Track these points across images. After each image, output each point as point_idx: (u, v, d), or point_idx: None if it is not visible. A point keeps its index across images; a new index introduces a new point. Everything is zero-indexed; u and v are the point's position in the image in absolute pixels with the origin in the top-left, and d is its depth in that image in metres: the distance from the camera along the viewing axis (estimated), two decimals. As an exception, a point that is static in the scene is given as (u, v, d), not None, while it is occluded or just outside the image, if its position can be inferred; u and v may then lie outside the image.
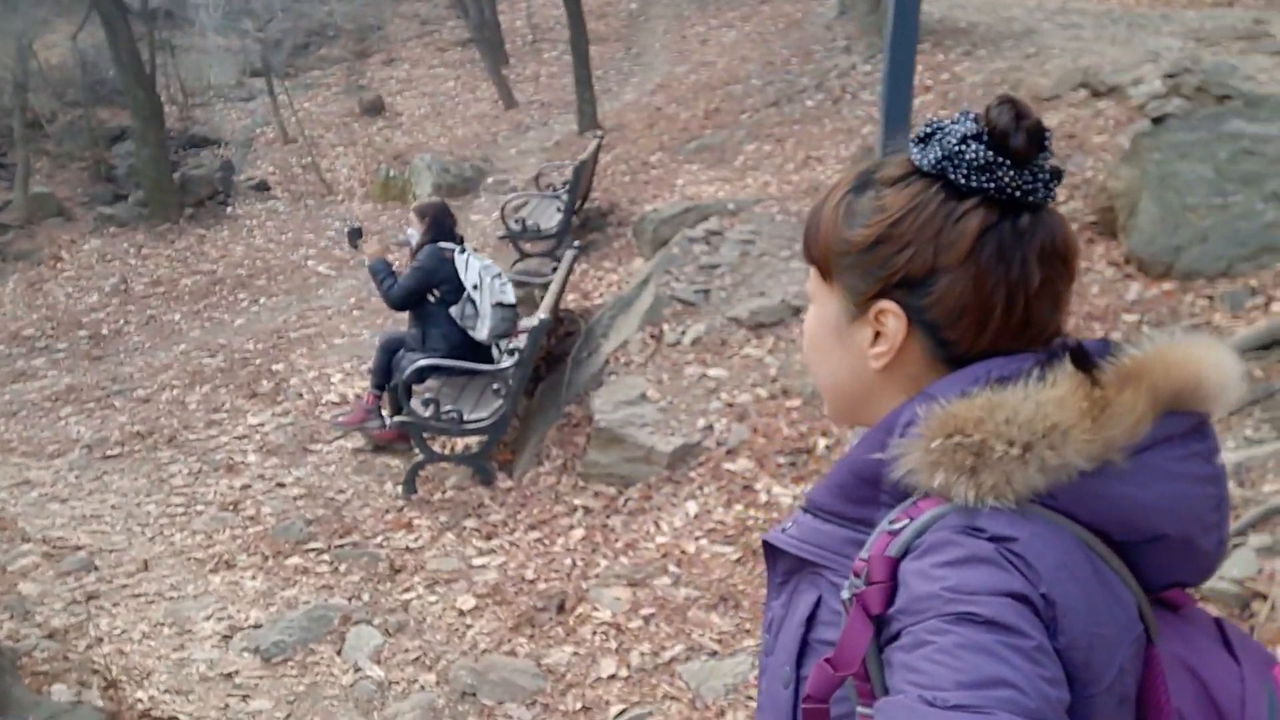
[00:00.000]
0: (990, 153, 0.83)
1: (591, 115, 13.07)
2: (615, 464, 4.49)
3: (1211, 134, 4.14)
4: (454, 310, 5.43)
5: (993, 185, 0.83)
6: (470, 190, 11.84)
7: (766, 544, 0.97)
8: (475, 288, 5.39)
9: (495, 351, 5.70)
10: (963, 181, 0.83)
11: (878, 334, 0.89)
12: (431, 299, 5.50)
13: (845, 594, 0.81)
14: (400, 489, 5.17)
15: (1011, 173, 0.83)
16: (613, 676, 3.29)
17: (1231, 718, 0.82)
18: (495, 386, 4.81)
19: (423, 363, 5.02)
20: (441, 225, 5.60)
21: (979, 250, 0.83)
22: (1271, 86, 5.63)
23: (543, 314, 4.76)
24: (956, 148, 0.83)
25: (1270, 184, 3.90)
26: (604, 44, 18.14)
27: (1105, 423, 0.78)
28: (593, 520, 4.29)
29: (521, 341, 5.07)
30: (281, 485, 5.40)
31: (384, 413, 5.81)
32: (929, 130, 0.87)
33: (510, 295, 5.47)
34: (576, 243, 6.67)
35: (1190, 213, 4.16)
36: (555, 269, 6.59)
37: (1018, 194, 0.83)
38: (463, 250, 5.54)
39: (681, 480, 4.28)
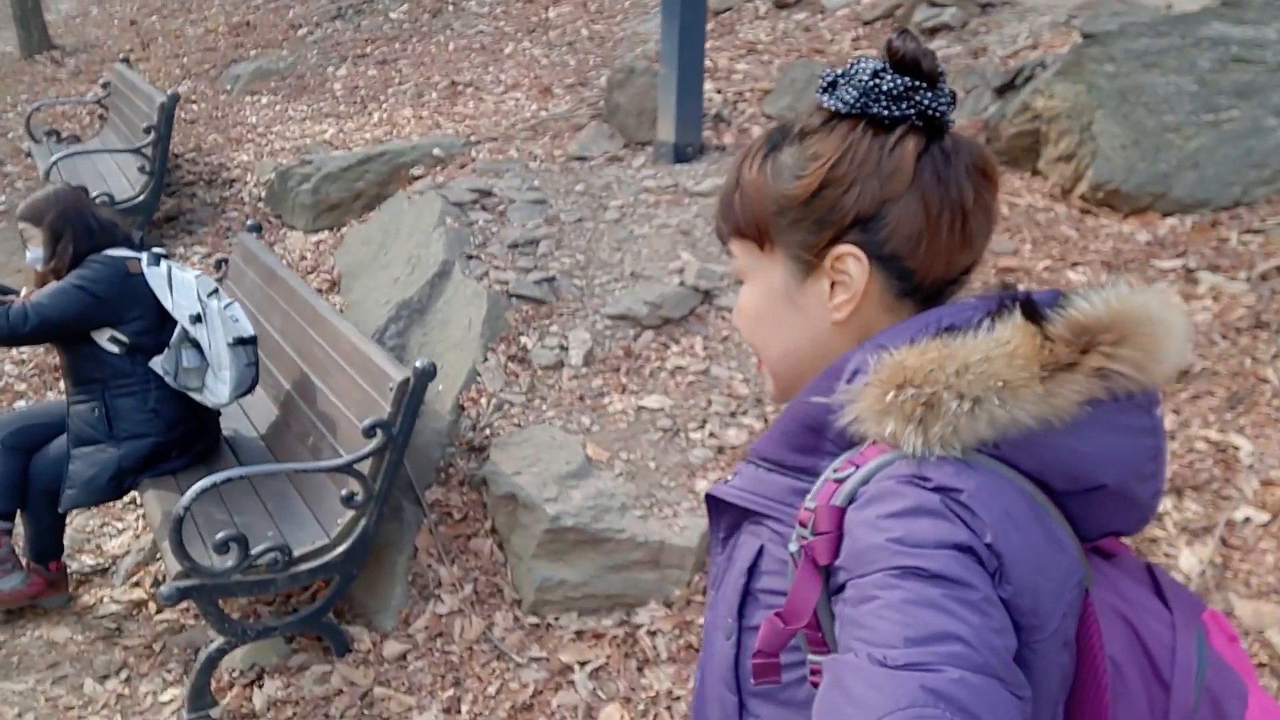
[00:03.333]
0: (906, 79, 0.83)
1: (40, 30, 9.62)
2: (594, 578, 2.84)
3: (1186, 39, 3.63)
4: (159, 363, 3.13)
5: (914, 110, 0.84)
6: (-122, 144, 7.94)
7: (710, 498, 0.95)
8: (197, 320, 3.13)
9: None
10: (885, 113, 0.84)
11: (833, 285, 0.87)
12: (114, 347, 3.11)
13: (793, 546, 0.79)
14: (128, 686, 2.93)
15: (929, 95, 0.84)
16: None
17: (1162, 664, 0.82)
18: (347, 492, 2.78)
19: (228, 475, 2.71)
20: (89, 225, 3.16)
21: (920, 174, 0.84)
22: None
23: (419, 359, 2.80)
24: (871, 82, 0.84)
25: (1278, 95, 3.52)
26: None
27: (1055, 390, 0.76)
28: (618, 684, 2.65)
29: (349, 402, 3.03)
30: None
31: (18, 555, 3.30)
32: (831, 79, 0.86)
33: (248, 325, 3.30)
34: (251, 221, 4.40)
35: (1171, 133, 3.64)
36: (222, 265, 4.30)
37: (937, 114, 0.84)
38: (156, 260, 3.20)
39: (730, 584, 2.82)
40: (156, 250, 3.23)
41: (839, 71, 0.86)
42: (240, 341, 3.22)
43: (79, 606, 3.41)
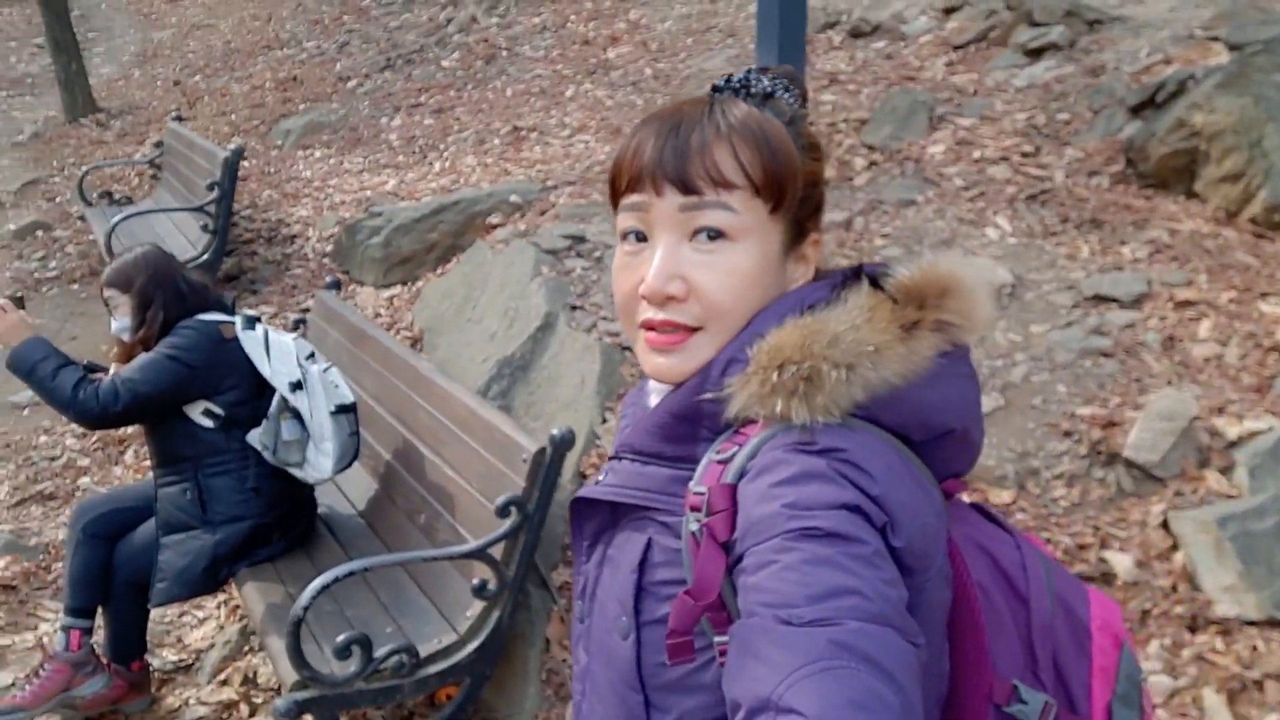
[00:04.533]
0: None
1: (85, 93, 9.51)
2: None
3: (1370, 45, 3.32)
4: (257, 436, 2.81)
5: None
6: (-74, 212, 7.79)
7: (577, 503, 0.95)
8: (298, 387, 2.82)
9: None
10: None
11: (794, 263, 0.91)
12: (208, 421, 2.80)
13: (692, 526, 0.81)
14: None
15: None
16: None
17: (1017, 581, 0.90)
18: (479, 581, 2.43)
19: (350, 568, 2.35)
20: (179, 289, 2.86)
21: None
22: (1130, 8, 5.11)
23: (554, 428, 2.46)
24: (796, 96, 0.92)
25: None
26: (22, 3, 13.75)
27: (914, 348, 0.82)
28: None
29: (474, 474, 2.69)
30: None
31: (99, 654, 2.96)
32: (773, 80, 0.92)
33: (348, 390, 2.98)
34: (331, 278, 4.10)
35: (1357, 149, 3.29)
36: (300, 326, 4.00)
37: None
38: (251, 323, 2.90)
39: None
40: (249, 313, 2.93)
41: (769, 77, 0.92)
42: (342, 409, 2.90)
43: (163, 710, 3.08)
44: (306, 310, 5.06)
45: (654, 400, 0.95)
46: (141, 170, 7.69)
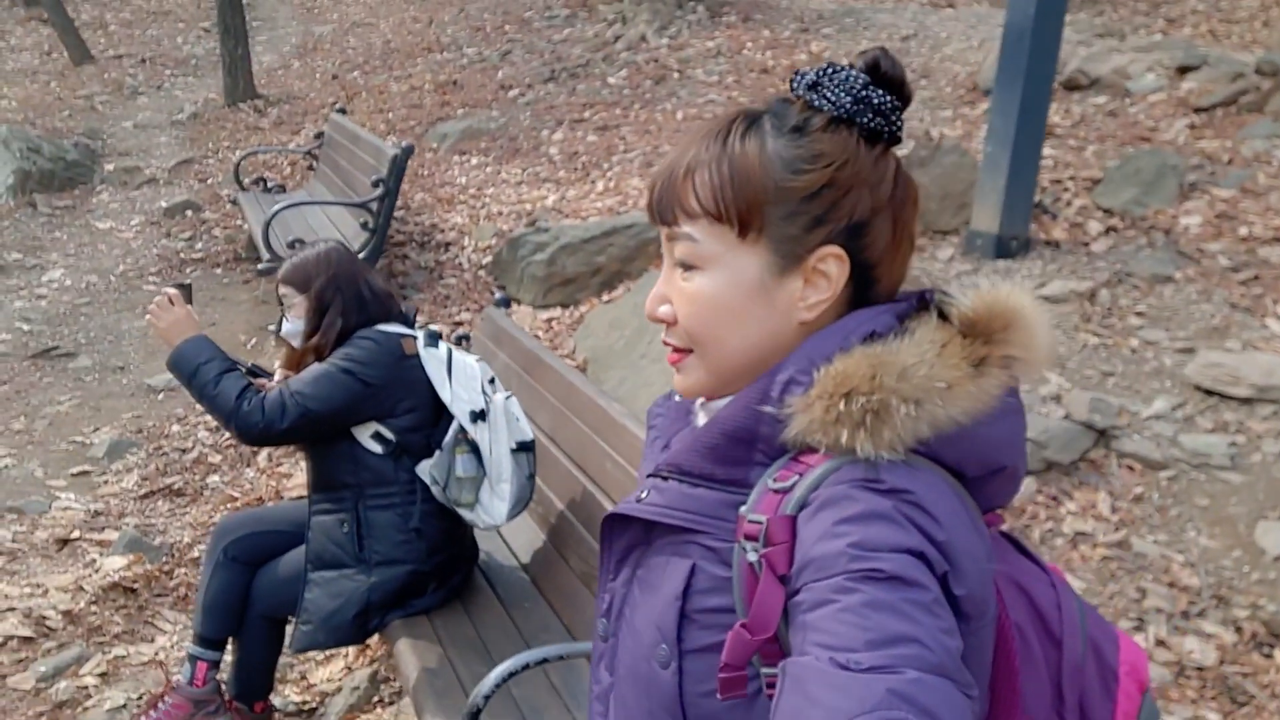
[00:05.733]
0: (891, 98, 0.85)
1: (246, 78, 9.53)
2: None
3: None
4: (428, 469, 2.44)
5: (890, 129, 0.85)
6: (82, 181, 7.82)
7: (610, 519, 0.93)
8: (479, 417, 2.44)
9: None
10: (871, 124, 0.84)
11: (805, 283, 0.85)
12: (377, 446, 2.43)
13: (751, 557, 0.79)
14: None
15: (901, 116, 0.85)
16: None
17: (1051, 622, 0.88)
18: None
19: (544, 654, 1.93)
20: (361, 294, 2.50)
21: (896, 190, 0.85)
22: None
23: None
24: (864, 93, 0.84)
25: None
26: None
27: (983, 385, 0.80)
28: None
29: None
30: None
31: (223, 691, 2.63)
32: (812, 79, 0.85)
33: (527, 426, 2.59)
34: (501, 294, 3.75)
35: None
36: (463, 342, 3.64)
37: (900, 135, 0.86)
38: (433, 339, 2.54)
39: None
40: (433, 328, 2.57)
41: (819, 72, 0.85)
42: (522, 447, 2.52)
43: (280, 760, 2.72)
44: (459, 324, 4.75)
45: (701, 419, 0.93)
46: (294, 159, 7.59)
